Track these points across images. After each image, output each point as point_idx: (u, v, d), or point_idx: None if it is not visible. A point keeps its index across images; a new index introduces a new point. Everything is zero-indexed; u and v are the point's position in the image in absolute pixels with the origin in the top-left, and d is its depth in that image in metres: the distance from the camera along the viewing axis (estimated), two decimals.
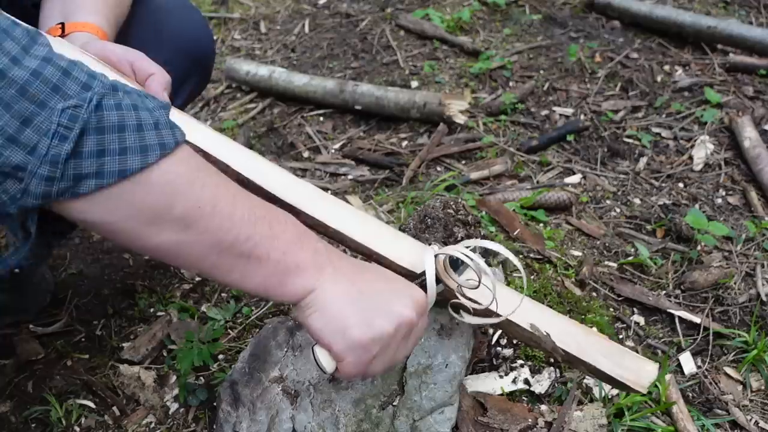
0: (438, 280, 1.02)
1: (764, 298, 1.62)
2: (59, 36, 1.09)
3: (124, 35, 1.22)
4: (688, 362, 1.48)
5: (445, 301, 1.07)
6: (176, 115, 0.93)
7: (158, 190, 0.79)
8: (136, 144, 0.77)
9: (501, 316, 1.05)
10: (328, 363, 0.90)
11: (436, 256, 1.02)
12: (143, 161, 0.77)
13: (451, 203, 1.30)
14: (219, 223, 0.82)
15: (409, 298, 0.93)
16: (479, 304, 1.05)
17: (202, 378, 1.43)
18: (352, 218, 1.08)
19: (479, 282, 1.00)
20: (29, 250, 0.85)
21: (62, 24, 1.09)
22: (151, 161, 0.78)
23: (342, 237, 1.06)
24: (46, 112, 0.72)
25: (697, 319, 1.57)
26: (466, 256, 0.99)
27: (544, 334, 1.09)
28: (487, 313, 1.06)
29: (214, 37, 2.98)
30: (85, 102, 0.74)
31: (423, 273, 1.01)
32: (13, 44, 0.72)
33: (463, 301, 1.04)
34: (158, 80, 1.05)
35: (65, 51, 0.84)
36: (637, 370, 1.14)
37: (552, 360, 1.39)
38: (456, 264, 1.05)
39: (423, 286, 0.99)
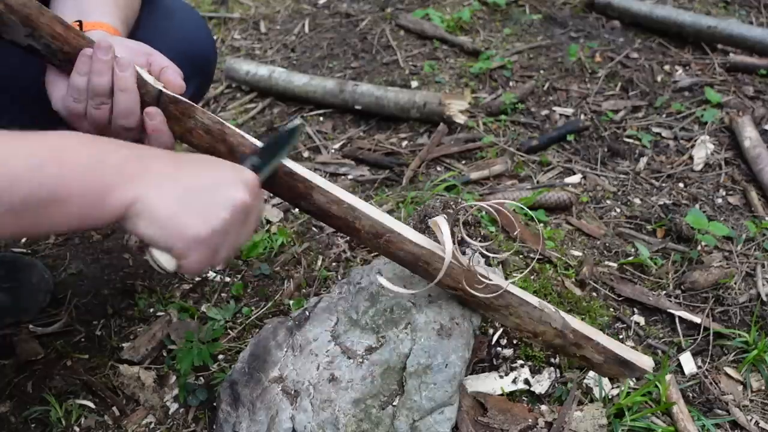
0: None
1: (764, 298, 1.62)
2: None
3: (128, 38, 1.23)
4: (688, 362, 1.48)
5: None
6: None
7: None
8: None
9: (507, 288, 1.11)
10: (168, 263, 0.88)
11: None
12: None
13: (451, 203, 1.30)
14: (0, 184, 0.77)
15: (239, 181, 0.92)
16: (492, 283, 1.10)
17: (202, 378, 1.43)
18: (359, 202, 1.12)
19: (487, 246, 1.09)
20: None
21: (80, 22, 1.10)
22: None
23: (355, 213, 1.09)
24: None
25: (697, 319, 1.57)
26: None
27: (554, 310, 1.10)
28: (495, 285, 1.11)
29: (214, 38, 2.98)
30: None
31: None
32: None
33: (476, 269, 1.10)
34: (173, 71, 1.06)
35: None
36: (637, 359, 1.20)
37: (552, 359, 1.39)
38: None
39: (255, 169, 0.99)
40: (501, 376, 1.34)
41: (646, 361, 1.20)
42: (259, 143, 1.05)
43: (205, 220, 0.86)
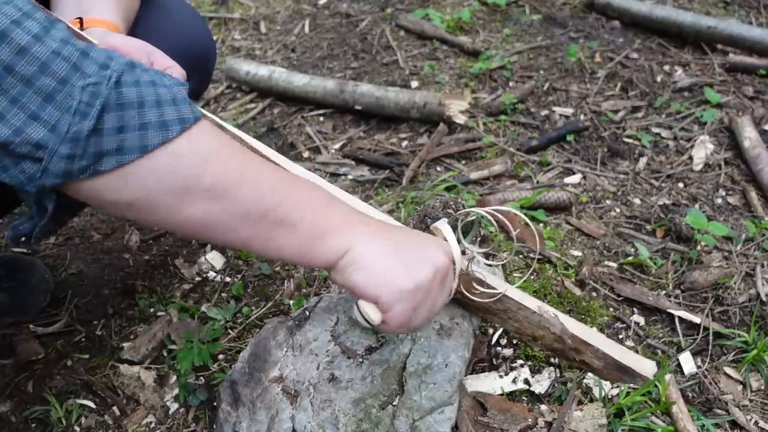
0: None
1: (764, 298, 1.62)
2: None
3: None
4: (688, 362, 1.48)
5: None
6: None
7: (182, 164, 0.79)
8: (155, 119, 0.77)
9: (506, 293, 1.11)
10: (375, 315, 0.92)
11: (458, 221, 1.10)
12: (164, 136, 0.77)
13: (451, 203, 1.30)
14: (248, 193, 0.83)
15: (439, 246, 0.98)
16: (492, 288, 1.09)
17: (202, 378, 1.43)
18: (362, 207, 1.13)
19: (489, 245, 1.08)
20: (43, 226, 0.85)
21: (80, 19, 1.10)
22: (172, 136, 0.78)
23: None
24: (66, 89, 0.72)
25: (697, 319, 1.57)
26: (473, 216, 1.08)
27: (552, 315, 1.10)
28: (493, 292, 1.11)
29: (214, 38, 2.98)
30: (105, 79, 0.74)
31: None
32: (35, 24, 0.72)
33: (475, 272, 1.09)
34: (177, 70, 1.07)
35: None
36: (638, 363, 1.17)
37: (552, 359, 1.39)
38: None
39: None
40: (501, 376, 1.35)
41: (647, 367, 1.18)
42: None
43: (412, 275, 0.91)
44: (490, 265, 1.12)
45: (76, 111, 0.72)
